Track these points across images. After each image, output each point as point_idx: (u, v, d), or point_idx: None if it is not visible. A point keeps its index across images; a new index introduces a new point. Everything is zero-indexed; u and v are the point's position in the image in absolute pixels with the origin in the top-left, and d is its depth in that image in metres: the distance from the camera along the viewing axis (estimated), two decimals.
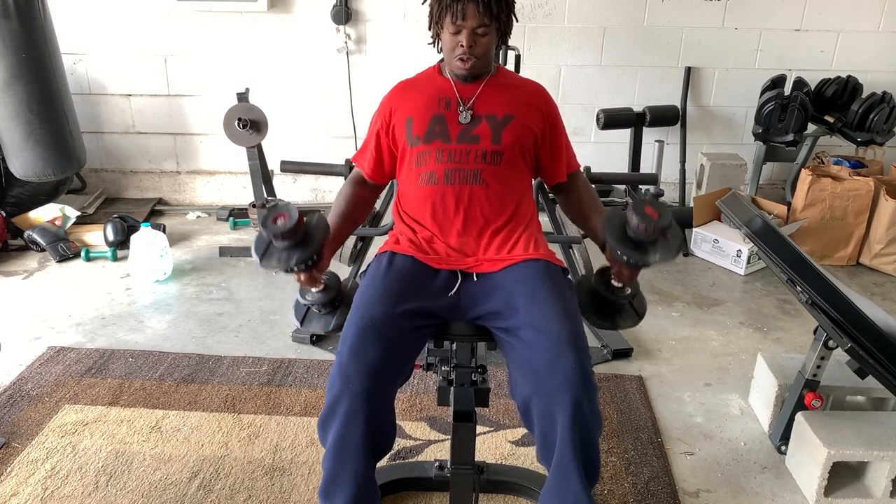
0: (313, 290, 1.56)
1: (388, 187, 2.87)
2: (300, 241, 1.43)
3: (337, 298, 1.60)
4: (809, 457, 1.93)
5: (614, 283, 1.53)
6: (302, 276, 1.50)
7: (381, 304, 1.51)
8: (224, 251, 3.42)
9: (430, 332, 1.58)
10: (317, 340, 2.66)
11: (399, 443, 2.10)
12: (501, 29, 1.68)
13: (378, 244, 1.77)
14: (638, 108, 3.66)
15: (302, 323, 1.64)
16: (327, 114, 3.84)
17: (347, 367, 1.45)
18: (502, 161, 1.68)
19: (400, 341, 1.50)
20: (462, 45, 1.63)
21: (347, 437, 1.46)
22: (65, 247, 3.33)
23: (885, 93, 3.44)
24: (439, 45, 1.74)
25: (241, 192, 4.00)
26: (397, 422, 1.60)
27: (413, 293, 1.56)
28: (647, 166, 3.80)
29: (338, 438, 1.47)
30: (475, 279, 1.62)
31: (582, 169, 1.90)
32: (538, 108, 1.74)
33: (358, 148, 1.89)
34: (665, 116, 3.68)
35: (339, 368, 1.46)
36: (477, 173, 1.66)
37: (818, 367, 2.03)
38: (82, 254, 3.32)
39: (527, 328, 1.49)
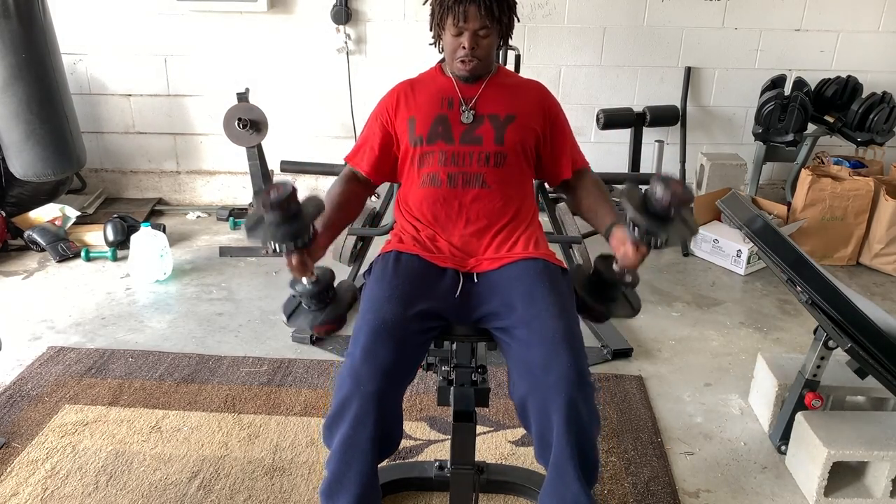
0: (304, 280, 1.49)
1: (388, 187, 2.88)
2: (291, 217, 1.38)
3: (327, 294, 1.53)
4: (809, 457, 1.93)
5: (616, 267, 1.52)
6: (293, 259, 1.43)
7: (393, 305, 1.51)
8: (224, 251, 3.42)
9: (437, 333, 1.58)
10: (317, 340, 2.66)
11: None
12: (503, 30, 1.68)
13: (378, 244, 1.77)
14: (638, 108, 3.66)
15: (289, 318, 1.56)
16: (327, 114, 3.84)
17: (359, 368, 1.44)
18: (505, 163, 1.68)
19: (410, 342, 1.50)
20: (464, 48, 1.63)
21: (356, 438, 1.45)
22: (65, 247, 3.33)
23: (885, 93, 3.44)
24: (440, 46, 1.74)
25: (241, 192, 4.00)
26: None
27: (422, 294, 1.56)
28: (647, 166, 3.80)
29: (346, 439, 1.46)
30: (475, 280, 1.63)
31: None
32: (539, 106, 1.74)
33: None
34: (665, 116, 3.68)
35: (350, 369, 1.45)
36: (479, 176, 1.66)
37: (818, 367, 2.03)
38: (82, 254, 3.32)
39: (522, 326, 1.49)
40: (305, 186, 4.03)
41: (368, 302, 1.55)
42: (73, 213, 3.56)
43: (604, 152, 3.88)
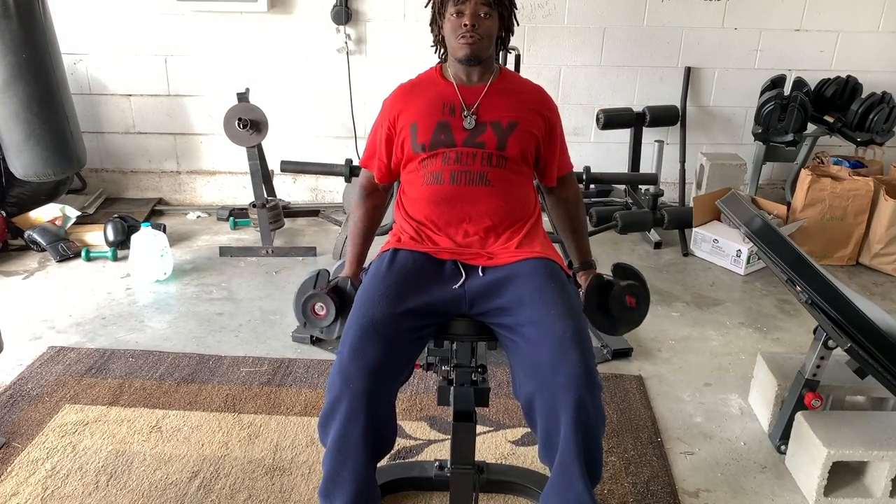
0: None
1: (389, 187, 2.88)
2: (338, 315, 1.66)
3: (340, 311, 1.66)
4: (809, 457, 1.93)
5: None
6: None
7: (382, 304, 1.51)
8: (224, 251, 3.42)
9: (432, 331, 1.57)
10: (317, 341, 2.66)
11: (399, 443, 2.10)
12: (504, 17, 1.69)
13: (378, 244, 1.77)
14: (638, 108, 3.66)
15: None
16: (327, 114, 3.84)
17: (347, 366, 1.45)
18: (507, 164, 1.68)
19: (401, 341, 1.50)
20: (465, 25, 1.63)
21: (347, 436, 1.46)
22: (65, 247, 3.33)
23: (884, 93, 3.45)
24: (440, 52, 1.75)
25: (241, 192, 4.00)
26: (397, 422, 1.60)
27: (415, 291, 1.55)
28: (647, 166, 3.81)
29: (338, 438, 1.47)
30: (480, 274, 1.62)
31: (582, 169, 1.91)
32: (540, 113, 1.74)
33: (359, 149, 1.89)
34: (665, 116, 3.68)
35: (339, 368, 1.46)
36: (483, 175, 1.66)
37: (818, 366, 2.03)
38: (82, 254, 3.32)
39: (531, 326, 1.49)
40: (306, 187, 4.03)
41: (359, 300, 1.55)
42: (73, 213, 3.56)
43: (604, 152, 3.88)
